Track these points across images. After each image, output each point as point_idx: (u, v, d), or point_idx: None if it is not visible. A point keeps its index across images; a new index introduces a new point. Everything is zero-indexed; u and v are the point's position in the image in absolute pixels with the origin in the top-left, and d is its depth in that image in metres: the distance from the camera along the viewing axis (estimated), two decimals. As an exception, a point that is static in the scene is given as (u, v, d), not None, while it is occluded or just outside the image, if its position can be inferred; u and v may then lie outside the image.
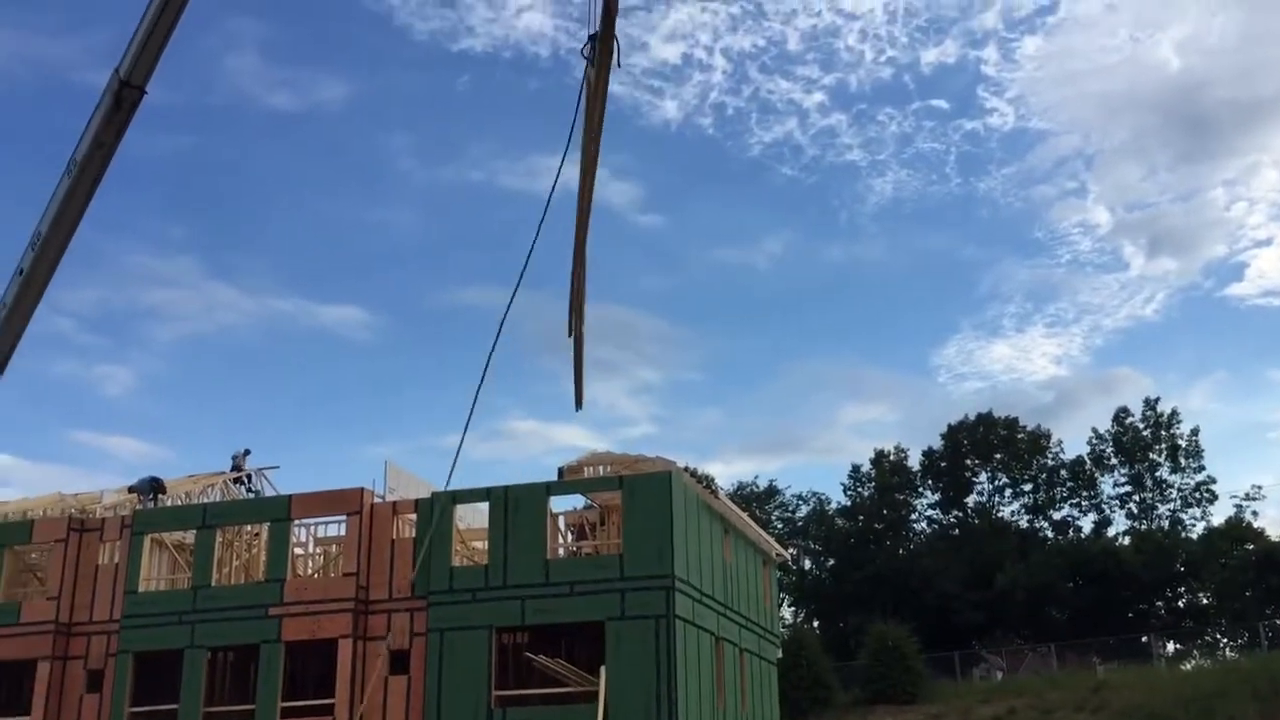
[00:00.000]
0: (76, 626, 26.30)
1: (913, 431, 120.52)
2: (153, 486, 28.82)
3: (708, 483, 29.59)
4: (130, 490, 29.34)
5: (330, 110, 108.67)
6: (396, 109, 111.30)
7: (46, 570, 27.45)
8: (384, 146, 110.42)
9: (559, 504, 26.47)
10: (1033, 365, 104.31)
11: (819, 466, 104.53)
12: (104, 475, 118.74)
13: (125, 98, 13.59)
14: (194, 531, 26.47)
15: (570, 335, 15.72)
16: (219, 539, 26.38)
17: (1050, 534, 68.59)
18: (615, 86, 15.94)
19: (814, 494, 74.83)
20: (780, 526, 71.90)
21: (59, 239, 13.68)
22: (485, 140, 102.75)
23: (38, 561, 28.43)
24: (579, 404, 16.32)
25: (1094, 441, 69.09)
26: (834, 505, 73.18)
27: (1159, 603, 62.01)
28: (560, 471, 26.42)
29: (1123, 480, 68.35)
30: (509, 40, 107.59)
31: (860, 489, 71.94)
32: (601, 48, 14.17)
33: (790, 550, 62.55)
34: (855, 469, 72.39)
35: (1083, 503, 69.15)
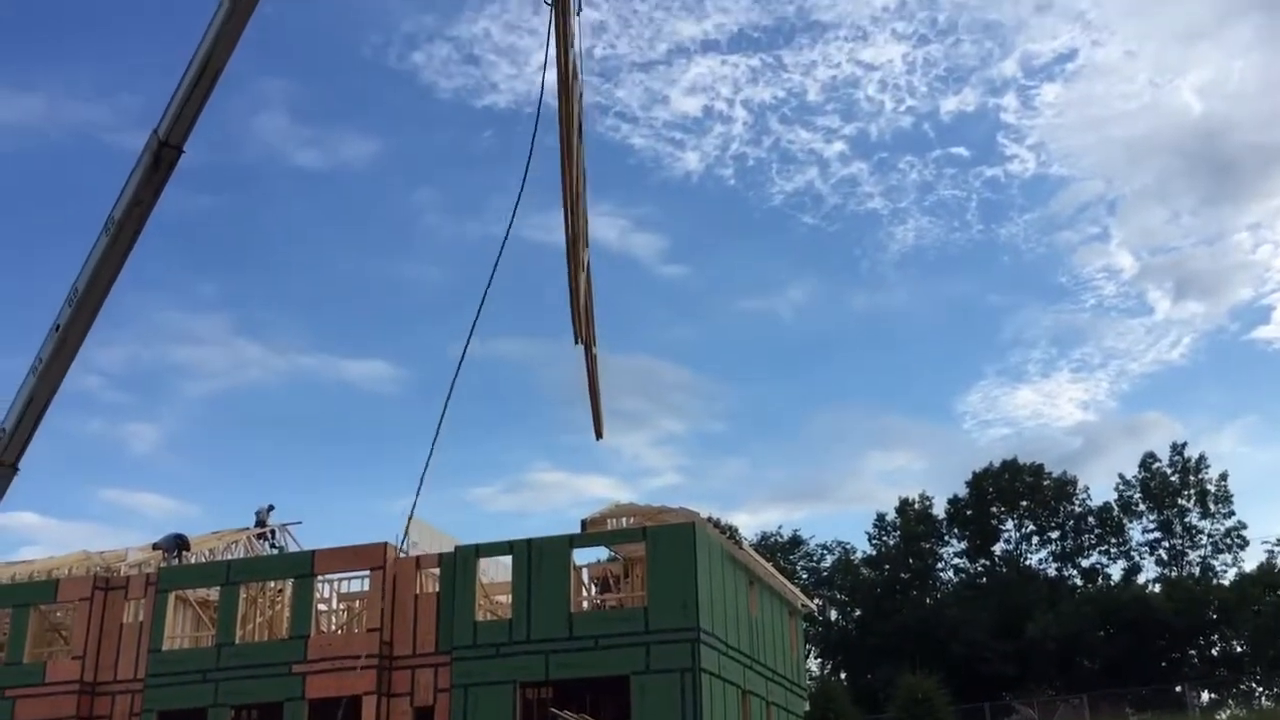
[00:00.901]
0: (101, 686, 26.25)
1: (940, 479, 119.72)
2: (177, 544, 28.88)
3: (731, 533, 29.46)
4: (155, 547, 29.40)
5: (357, 167, 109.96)
6: (422, 165, 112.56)
7: (71, 629, 27.47)
8: (410, 202, 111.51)
9: (582, 556, 26.40)
10: (1059, 411, 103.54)
11: (846, 515, 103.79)
12: (131, 532, 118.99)
13: (164, 157, 13.99)
14: (218, 588, 26.48)
15: (577, 342, 14.99)
16: (243, 595, 26.38)
17: (1079, 582, 67.70)
18: (636, 140, 16.50)
19: (839, 543, 74.20)
20: (805, 577, 71.24)
21: (95, 295, 13.97)
22: (508, 194, 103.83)
23: (63, 620, 28.46)
24: (599, 433, 16.03)
25: (1121, 487, 68.37)
26: (859, 554, 72.57)
27: (1192, 651, 60.96)
28: (583, 524, 26.35)
29: (1151, 526, 67.51)
30: (531, 96, 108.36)
31: (885, 538, 71.32)
32: (564, 125, 14.25)
33: (816, 601, 61.90)
34: (880, 518, 71.84)
35: (1111, 550, 68.28)
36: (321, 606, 27.42)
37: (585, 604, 26.25)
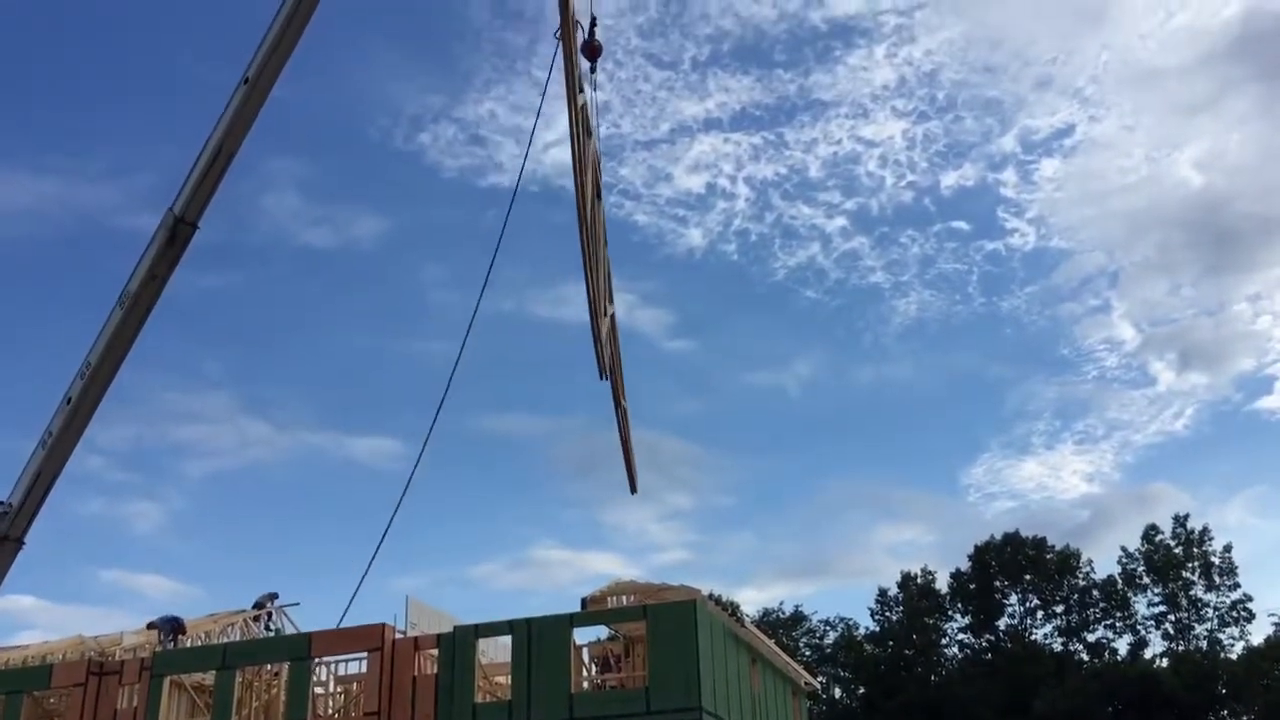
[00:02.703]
0: (94, 773, 25.77)
1: (947, 552, 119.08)
2: (173, 627, 28.56)
3: (733, 610, 29.20)
4: (149, 626, 29.08)
5: (366, 245, 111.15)
6: (429, 242, 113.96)
7: (65, 716, 27.04)
8: (417, 279, 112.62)
9: (583, 635, 26.11)
10: (1064, 483, 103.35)
11: (853, 589, 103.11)
12: (129, 615, 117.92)
13: (179, 233, 14.51)
14: (213, 672, 26.14)
15: (602, 378, 16.21)
16: (239, 679, 26.03)
17: (1085, 656, 67.00)
18: (640, 217, 17.96)
19: (841, 619, 73.58)
20: (808, 654, 70.47)
21: (108, 368, 14.29)
22: (515, 270, 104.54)
23: (56, 707, 28.03)
24: (633, 487, 16.56)
25: (1124, 560, 68.00)
26: (862, 630, 71.86)
27: (1202, 727, 60.17)
28: (583, 602, 26.13)
29: (1156, 600, 67.03)
30: (535, 175, 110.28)
31: (888, 613, 70.71)
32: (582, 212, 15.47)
33: (819, 678, 61.17)
34: (882, 592, 71.31)
35: (1117, 624, 67.70)
36: (318, 690, 27.05)
37: (585, 684, 25.91)
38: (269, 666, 27.38)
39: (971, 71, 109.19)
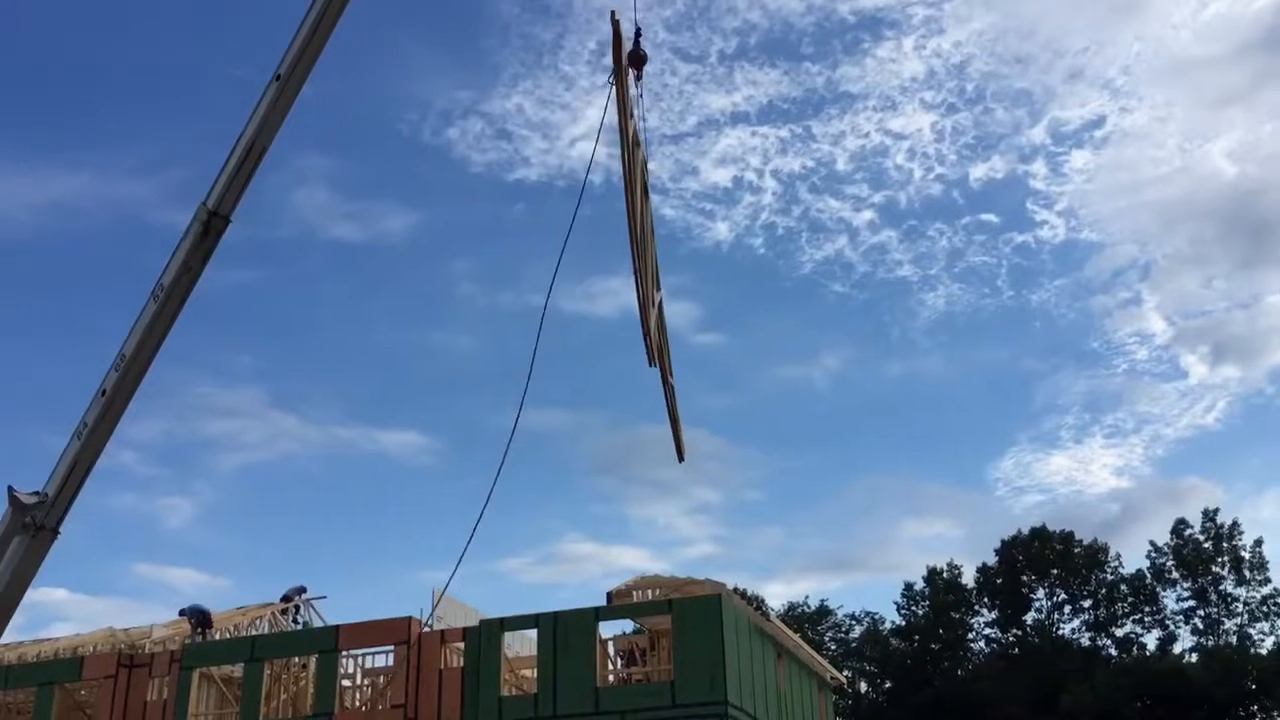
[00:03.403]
0: (124, 764, 26.04)
1: (975, 546, 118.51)
2: (199, 620, 28.76)
3: (758, 604, 29.16)
4: (180, 614, 29.27)
5: (394, 240, 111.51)
6: (457, 237, 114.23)
7: (96, 707, 27.32)
8: (446, 273, 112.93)
9: (608, 629, 26.14)
10: (1093, 477, 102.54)
11: (880, 584, 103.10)
12: (160, 608, 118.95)
13: (213, 226, 14.80)
14: (242, 665, 26.34)
15: (652, 364, 16.82)
16: (267, 672, 26.22)
17: (1114, 652, 66.54)
18: (667, 210, 18.73)
19: (867, 614, 73.33)
20: (834, 648, 70.29)
21: (142, 360, 14.57)
22: (543, 265, 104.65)
23: (87, 699, 28.32)
24: (680, 455, 18.12)
25: (1153, 555, 67.44)
26: (888, 625, 71.60)
27: (1232, 722, 59.67)
28: (609, 596, 26.14)
29: (1186, 595, 66.43)
30: (563, 169, 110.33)
31: (914, 607, 70.40)
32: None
33: (845, 673, 61.00)
34: (908, 587, 70.97)
35: (1146, 619, 67.17)
36: (346, 682, 27.21)
37: (611, 678, 25.95)
38: (297, 659, 27.57)
39: (1001, 63, 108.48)
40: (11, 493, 14.30)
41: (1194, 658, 62.91)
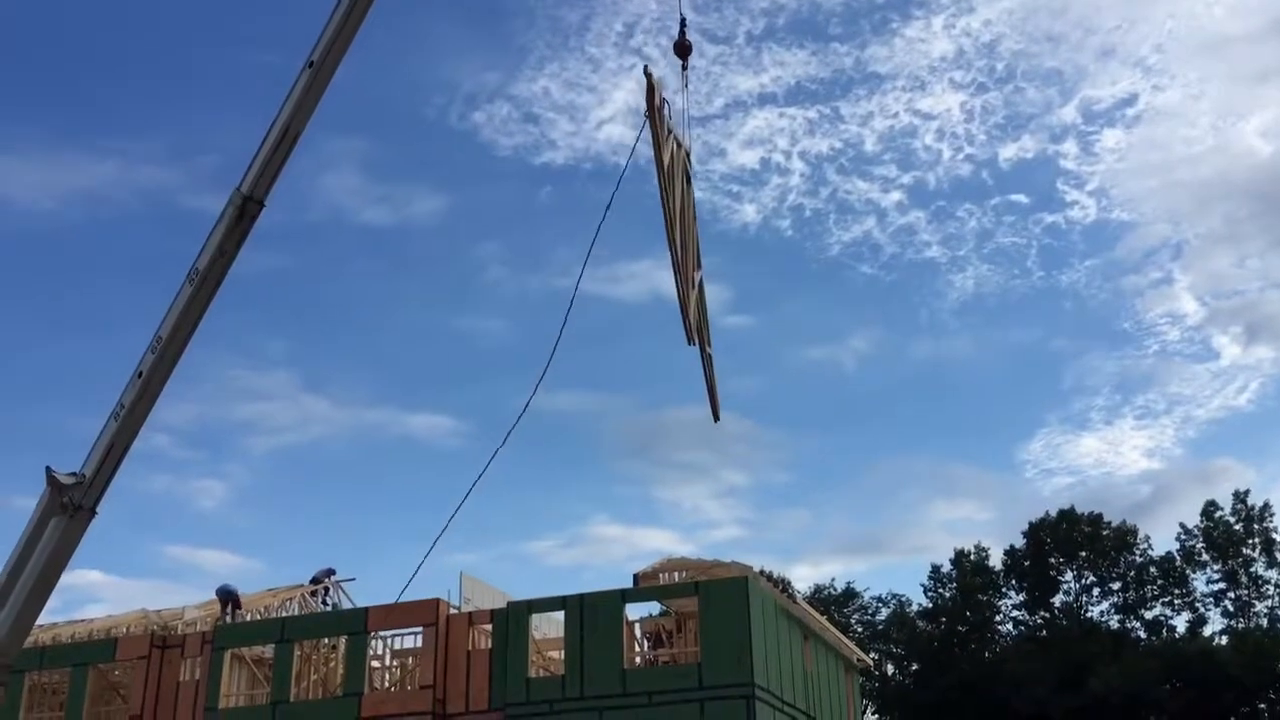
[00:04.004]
0: (158, 744, 26.37)
1: (1004, 528, 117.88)
2: (229, 598, 29.02)
3: (785, 587, 29.18)
4: (217, 593, 29.52)
5: (423, 223, 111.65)
6: (485, 220, 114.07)
7: (129, 688, 27.67)
8: (474, 256, 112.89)
9: (635, 611, 26.24)
10: (1123, 459, 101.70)
11: (909, 566, 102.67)
12: (193, 590, 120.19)
13: (247, 210, 15.11)
14: (273, 646, 26.60)
15: (691, 343, 17.79)
16: (297, 653, 26.46)
17: (1143, 634, 66.18)
18: (695, 193, 19.81)
19: (894, 596, 73.17)
20: (860, 630, 70.23)
21: (178, 342, 14.86)
22: (570, 248, 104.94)
23: (121, 679, 28.68)
24: (716, 416, 18.92)
25: (1183, 537, 66.96)
26: (915, 607, 71.46)
27: (1262, 705, 59.24)
28: (635, 578, 26.22)
29: (1216, 577, 65.94)
30: (589, 152, 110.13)
31: (941, 590, 70.23)
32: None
33: (871, 655, 60.96)
34: (935, 569, 70.78)
35: (1175, 601, 66.74)
36: (375, 663, 27.44)
37: (638, 659, 26.05)
38: (326, 640, 27.82)
39: (1032, 41, 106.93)
40: (50, 473, 14.54)
41: (1224, 640, 62.50)
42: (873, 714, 68.77)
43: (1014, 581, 69.22)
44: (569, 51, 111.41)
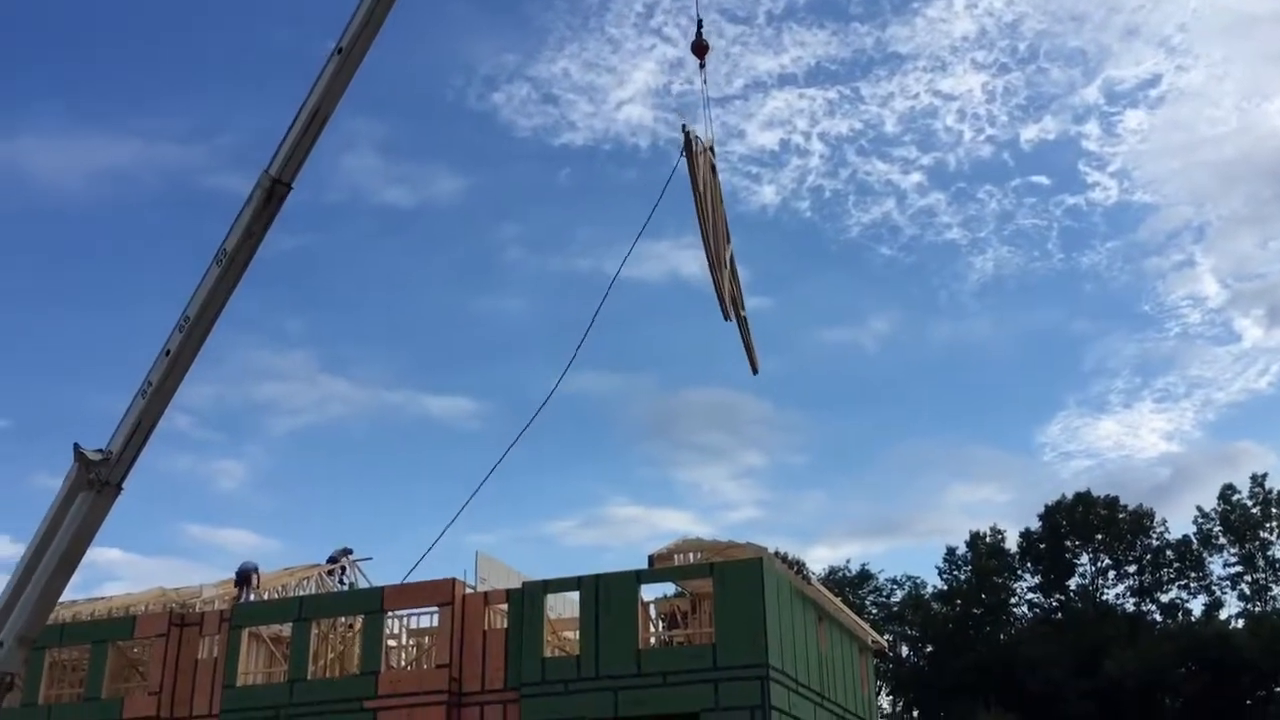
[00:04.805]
0: (177, 721, 26.59)
1: (1022, 511, 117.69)
2: (242, 579, 29.16)
3: (799, 568, 29.20)
4: (237, 571, 29.63)
5: (443, 204, 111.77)
6: (505, 201, 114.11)
7: (148, 665, 27.90)
8: (493, 237, 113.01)
9: (650, 592, 26.30)
10: (1142, 442, 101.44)
11: (927, 549, 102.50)
12: (212, 568, 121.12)
13: (276, 193, 15.23)
14: (290, 624, 26.77)
15: (727, 319, 19.17)
16: (314, 631, 26.63)
17: (1159, 618, 66.11)
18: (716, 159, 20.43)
19: (909, 578, 73.24)
20: (875, 612, 70.32)
21: (206, 321, 15.09)
22: (591, 229, 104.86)
23: (139, 656, 28.92)
24: (754, 368, 20.39)
25: (1200, 520, 66.76)
26: (930, 589, 71.50)
27: (1279, 688, 59.11)
28: (650, 559, 26.28)
29: (1233, 560, 65.78)
30: (609, 133, 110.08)
31: (956, 572, 70.24)
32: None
33: (886, 637, 61.04)
34: (950, 551, 70.82)
35: (1192, 584, 66.64)
36: (391, 642, 27.60)
37: (653, 640, 26.13)
38: (343, 619, 27.98)
39: (1055, 21, 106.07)
40: (78, 449, 14.74)
41: (1240, 624, 62.38)
42: (887, 695, 68.91)
43: (1029, 564, 69.21)
44: (588, 32, 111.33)
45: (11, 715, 22.94)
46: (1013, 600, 69.69)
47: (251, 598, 28.58)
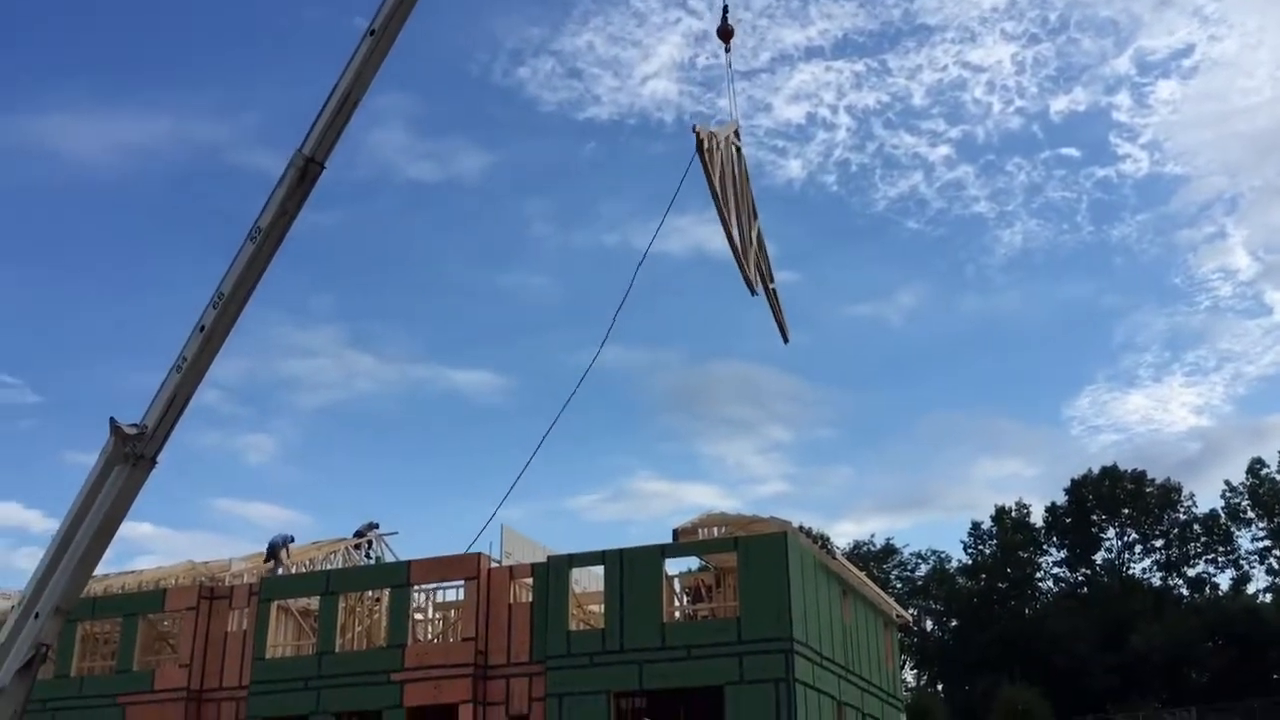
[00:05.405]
0: (207, 693, 26.94)
1: (1050, 486, 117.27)
2: (277, 549, 29.39)
3: (823, 542, 29.21)
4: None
5: (469, 180, 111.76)
6: (530, 176, 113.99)
7: (178, 638, 28.25)
8: (519, 213, 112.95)
9: (674, 566, 26.38)
10: (1171, 416, 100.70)
11: (953, 523, 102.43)
12: (241, 542, 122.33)
13: (309, 172, 15.34)
14: (317, 598, 27.02)
15: (753, 294, 19.68)
16: (341, 605, 26.87)
17: (1185, 592, 65.81)
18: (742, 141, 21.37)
19: (933, 552, 73.14)
20: (899, 586, 70.30)
21: (240, 298, 15.34)
22: (616, 204, 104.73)
23: (170, 629, 29.28)
24: (785, 338, 21.17)
25: (1228, 495, 66.30)
26: (954, 564, 71.39)
27: (1307, 663, 58.83)
28: (674, 533, 26.34)
29: (1261, 534, 65.33)
30: (634, 108, 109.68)
31: (981, 547, 70.07)
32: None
33: (910, 611, 61.06)
34: (975, 526, 70.62)
35: (1219, 559, 66.25)
36: (418, 616, 27.81)
37: (677, 614, 26.23)
38: (370, 593, 28.22)
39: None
40: (114, 423, 14.92)
41: (1268, 598, 62.02)
42: (912, 669, 68.98)
43: (1055, 539, 68.95)
44: (613, 5, 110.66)
45: (45, 687, 23.27)
46: (1038, 575, 69.53)
47: (280, 571, 28.84)
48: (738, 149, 20.46)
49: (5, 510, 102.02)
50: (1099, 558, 67.91)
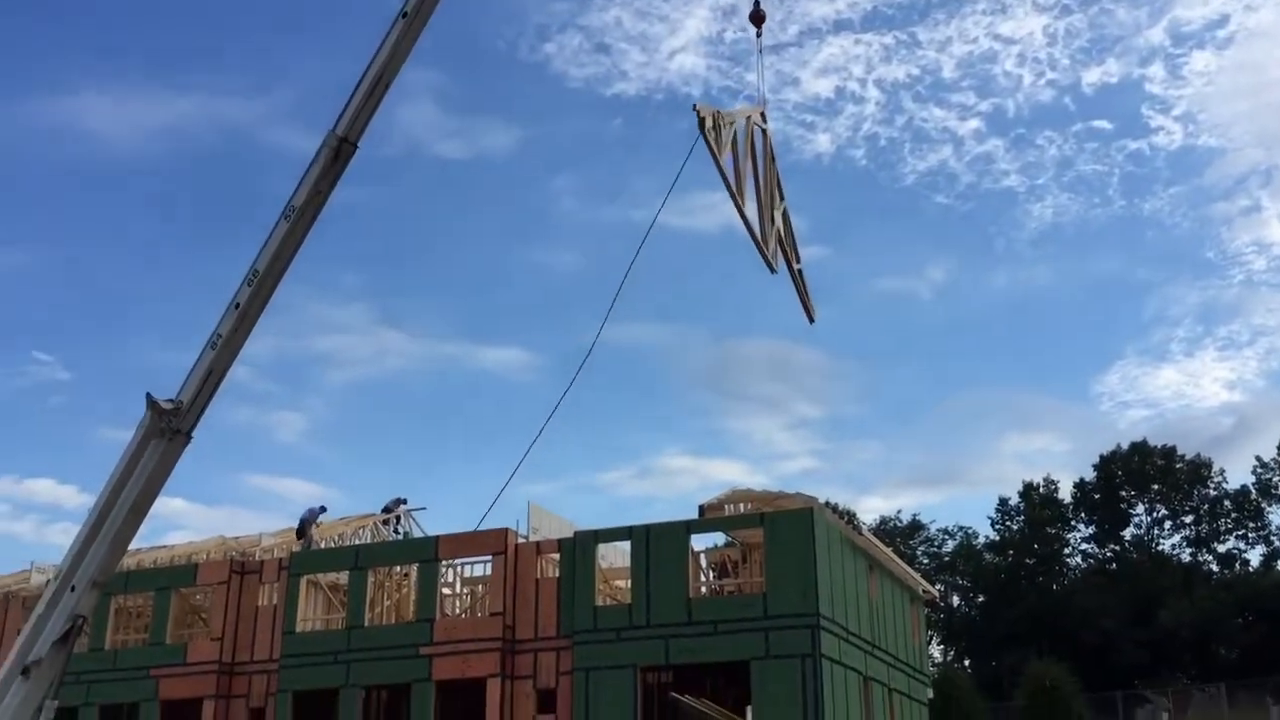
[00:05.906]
0: (239, 666, 27.29)
1: (1079, 461, 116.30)
2: (307, 523, 29.68)
3: (850, 518, 29.21)
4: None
5: (497, 156, 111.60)
6: (558, 152, 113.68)
7: (210, 611, 28.60)
8: (547, 189, 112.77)
9: (700, 542, 26.45)
10: (1203, 391, 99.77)
11: (982, 499, 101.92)
12: (272, 517, 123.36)
13: (342, 152, 15.56)
14: (347, 572, 27.28)
15: (774, 273, 19.95)
16: (371, 580, 27.12)
17: (1215, 568, 65.40)
18: (767, 123, 21.47)
19: (960, 528, 72.92)
20: (926, 562, 70.20)
21: (274, 275, 15.57)
22: (644, 179, 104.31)
23: (202, 603, 29.65)
24: (811, 318, 21.45)
25: (1259, 470, 65.74)
26: (981, 540, 71.18)
27: (1338, 640, 58.42)
28: (701, 509, 26.41)
29: (1292, 510, 64.77)
30: (661, 83, 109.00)
31: (1009, 522, 69.81)
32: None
33: (937, 587, 60.93)
34: (1003, 501, 70.34)
35: (1250, 535, 65.77)
36: (446, 590, 28.04)
37: (704, 589, 26.31)
38: (399, 568, 28.45)
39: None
40: (150, 398, 15.09)
41: (1299, 575, 61.57)
42: (939, 645, 68.98)
43: (1083, 514, 68.61)
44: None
45: (80, 659, 23.62)
46: (1066, 551, 69.22)
47: (311, 546, 29.12)
48: (764, 130, 20.58)
49: (39, 486, 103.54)
50: (1128, 534, 67.56)
